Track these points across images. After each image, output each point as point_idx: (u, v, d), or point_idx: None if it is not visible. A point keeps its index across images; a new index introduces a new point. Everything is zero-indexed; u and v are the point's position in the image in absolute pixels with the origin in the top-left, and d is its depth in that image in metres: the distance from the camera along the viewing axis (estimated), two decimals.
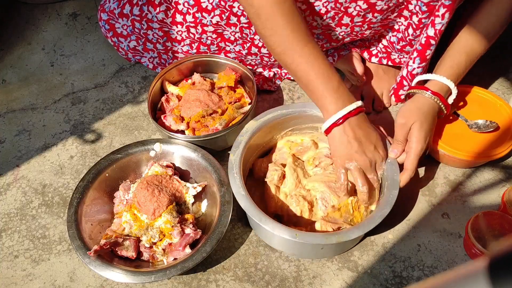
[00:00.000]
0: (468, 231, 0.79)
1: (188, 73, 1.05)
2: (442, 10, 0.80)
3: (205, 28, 0.95)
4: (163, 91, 1.02)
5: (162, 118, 0.96)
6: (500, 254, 0.31)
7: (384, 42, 0.97)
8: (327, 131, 0.79)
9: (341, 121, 0.76)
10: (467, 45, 0.86)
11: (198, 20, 0.95)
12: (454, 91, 0.85)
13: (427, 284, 0.36)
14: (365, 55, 1.02)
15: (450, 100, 0.86)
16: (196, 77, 1.02)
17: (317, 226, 0.80)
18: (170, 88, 1.01)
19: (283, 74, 1.08)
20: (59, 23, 1.26)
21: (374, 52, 1.00)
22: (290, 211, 0.83)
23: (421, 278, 0.80)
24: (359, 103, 0.78)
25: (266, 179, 0.86)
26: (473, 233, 0.78)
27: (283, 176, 0.87)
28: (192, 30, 0.97)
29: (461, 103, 0.95)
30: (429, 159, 0.95)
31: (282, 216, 0.84)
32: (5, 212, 0.91)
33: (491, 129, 0.90)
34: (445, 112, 0.85)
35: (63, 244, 0.87)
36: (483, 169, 0.93)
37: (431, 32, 0.83)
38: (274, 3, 0.74)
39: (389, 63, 0.99)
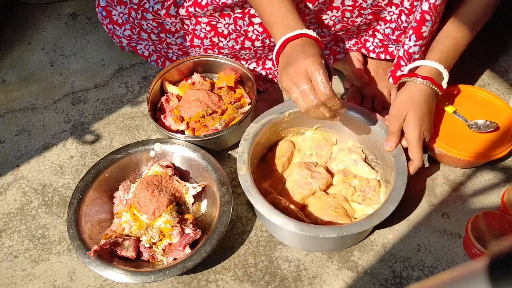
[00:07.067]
0: (468, 231, 0.79)
1: (188, 73, 1.05)
2: None
3: (199, 19, 0.96)
4: (163, 91, 1.02)
5: (162, 118, 0.96)
6: (500, 254, 0.31)
7: (379, 36, 0.97)
8: (276, 62, 0.78)
9: (283, 46, 0.76)
10: (453, 30, 0.86)
11: (191, 14, 0.95)
12: (445, 74, 0.85)
13: (427, 284, 0.36)
14: (363, 51, 1.01)
15: (444, 84, 0.86)
16: (196, 77, 1.02)
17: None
18: (170, 88, 1.01)
19: (276, 73, 1.07)
20: (59, 23, 1.26)
21: (371, 48, 1.00)
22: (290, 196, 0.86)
23: (421, 278, 0.80)
24: (300, 31, 0.75)
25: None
26: (473, 233, 0.78)
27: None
28: (186, 21, 0.97)
29: (461, 103, 0.95)
30: (429, 159, 0.95)
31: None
32: (5, 212, 0.91)
33: (491, 129, 0.90)
34: (440, 93, 0.85)
35: (63, 244, 0.87)
36: (483, 169, 0.93)
37: (425, 6, 0.82)
38: None
39: (387, 56, 0.99)
